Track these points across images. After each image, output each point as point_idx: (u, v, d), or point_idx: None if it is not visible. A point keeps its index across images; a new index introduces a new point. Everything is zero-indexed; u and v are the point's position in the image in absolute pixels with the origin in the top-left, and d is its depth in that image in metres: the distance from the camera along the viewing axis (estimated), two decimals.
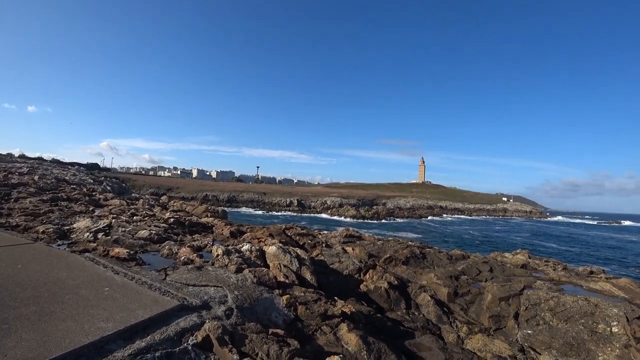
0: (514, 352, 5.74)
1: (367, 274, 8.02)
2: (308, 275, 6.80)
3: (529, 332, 6.42)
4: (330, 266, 8.07)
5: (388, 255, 9.88)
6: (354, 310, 5.58)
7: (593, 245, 54.23)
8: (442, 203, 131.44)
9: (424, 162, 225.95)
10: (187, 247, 7.50)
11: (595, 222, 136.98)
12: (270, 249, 7.23)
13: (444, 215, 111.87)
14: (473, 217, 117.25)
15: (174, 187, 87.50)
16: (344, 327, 4.70)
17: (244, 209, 78.97)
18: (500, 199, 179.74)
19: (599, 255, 43.03)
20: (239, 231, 11.65)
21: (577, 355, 5.66)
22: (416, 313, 7.00)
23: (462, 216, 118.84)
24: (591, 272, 10.45)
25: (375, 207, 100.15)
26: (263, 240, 9.86)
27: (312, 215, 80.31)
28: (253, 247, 7.25)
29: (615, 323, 5.77)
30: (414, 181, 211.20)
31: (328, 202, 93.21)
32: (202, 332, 3.68)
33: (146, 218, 11.90)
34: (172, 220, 11.62)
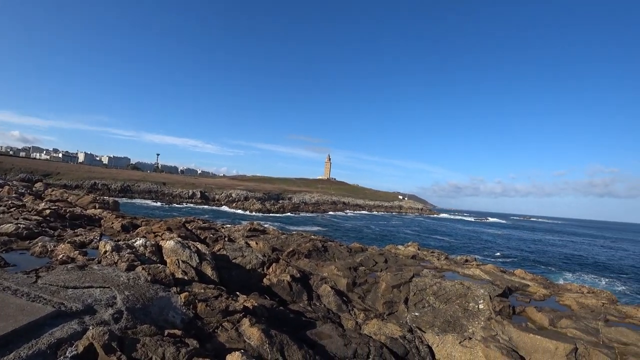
0: (404, 333, 6.35)
1: (271, 268, 8.04)
2: (209, 271, 6.54)
3: (417, 314, 7.19)
4: (233, 261, 7.89)
5: (291, 249, 10.06)
6: (256, 304, 5.54)
7: (469, 238, 63.14)
8: (345, 199, 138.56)
9: (330, 159, 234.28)
10: (67, 243, 6.56)
11: (472, 219, 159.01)
12: (168, 244, 6.75)
13: (347, 210, 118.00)
14: (373, 213, 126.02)
15: (54, 173, 74.61)
16: (246, 322, 4.64)
17: (139, 201, 72.04)
18: (397, 197, 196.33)
19: (472, 245, 50.23)
20: (132, 224, 10.64)
21: (454, 330, 6.61)
22: (318, 304, 7.26)
23: (363, 212, 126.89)
24: (466, 260, 12.18)
25: (281, 201, 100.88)
26: (160, 234, 9.17)
27: (216, 208, 77.26)
28: (148, 242, 6.68)
29: (481, 301, 6.84)
30: (320, 177, 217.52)
31: (233, 195, 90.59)
32: (84, 340, 3.21)
33: (12, 209, 10.07)
34: (48, 211, 10.02)
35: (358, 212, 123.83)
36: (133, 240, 6.80)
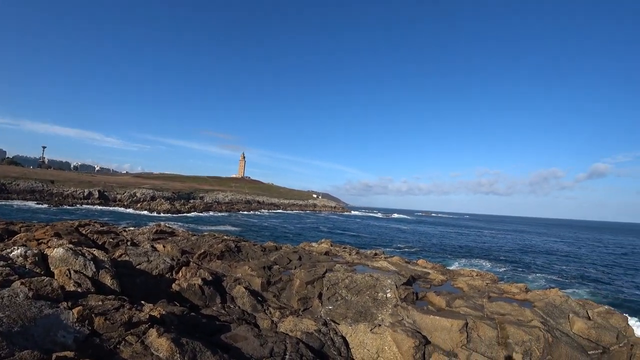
0: (319, 327, 6.53)
1: (180, 272, 7.58)
2: (108, 280, 5.89)
3: (330, 307, 7.44)
4: (137, 267, 7.24)
5: (203, 251, 9.61)
6: (164, 312, 5.16)
7: (378, 233, 67.60)
8: (260, 198, 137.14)
9: (244, 157, 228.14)
10: None
11: (380, 215, 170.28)
12: (56, 252, 5.89)
13: (262, 210, 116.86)
14: (287, 212, 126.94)
15: None
16: (153, 332, 4.29)
17: (19, 202, 61.11)
18: (311, 195, 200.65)
19: (381, 240, 53.85)
20: (7, 231, 9.10)
21: (365, 319, 7.02)
22: (232, 306, 7.06)
23: (278, 211, 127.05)
24: (375, 254, 13.01)
25: (192, 200, 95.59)
26: (45, 241, 7.98)
27: (118, 209, 69.51)
28: (29, 252, 5.74)
29: (389, 290, 7.39)
30: (234, 176, 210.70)
31: (138, 194, 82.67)
32: None
33: None
34: None
35: (273, 211, 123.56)
36: (9, 250, 5.78)
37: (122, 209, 71.06)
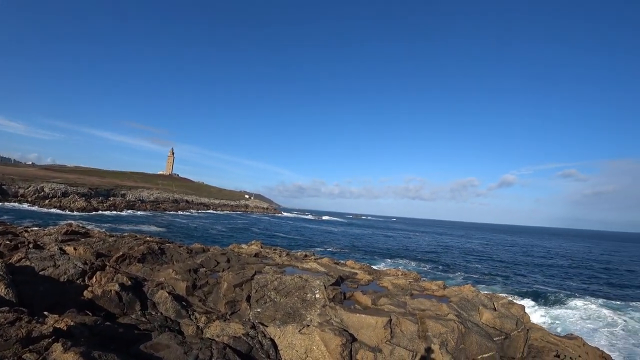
0: (247, 330, 6.39)
1: (94, 277, 6.91)
2: (1, 289, 5.16)
3: (259, 310, 7.34)
4: (41, 273, 6.45)
5: (121, 253, 8.87)
6: (72, 324, 4.65)
7: (309, 235, 68.47)
8: (189, 197, 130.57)
9: (173, 153, 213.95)
10: None
11: (312, 217, 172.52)
12: None
13: (191, 209, 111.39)
14: (218, 212, 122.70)
15: None
16: (57, 347, 3.84)
17: None
18: (243, 195, 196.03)
19: (312, 241, 54.67)
20: None
21: (294, 320, 7.04)
22: (153, 313, 6.62)
23: (209, 211, 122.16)
24: (305, 256, 13.14)
25: (112, 198, 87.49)
26: None
27: (19, 206, 61.02)
28: None
29: (317, 291, 7.51)
30: (161, 172, 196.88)
31: (46, 189, 72.80)
32: None
33: None
34: None
35: (203, 211, 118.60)
36: None
37: (25, 206, 62.51)
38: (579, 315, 21.92)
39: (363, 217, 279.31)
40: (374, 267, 13.56)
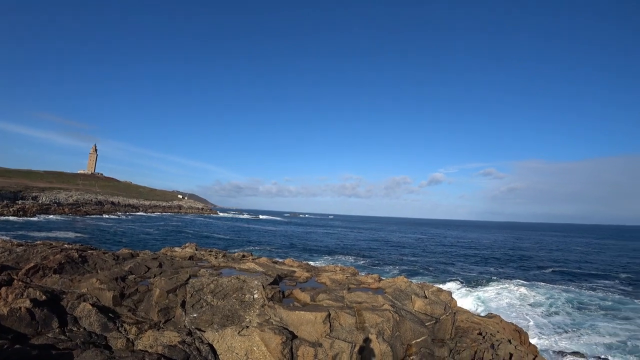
0: (182, 337, 6.11)
1: None
2: None
3: (195, 315, 7.05)
4: None
5: (33, 264, 7.95)
6: None
7: (248, 234, 67.31)
8: (115, 198, 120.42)
9: (96, 150, 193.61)
10: None
11: (249, 217, 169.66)
12: None
13: (117, 212, 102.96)
14: (149, 214, 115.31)
15: None
16: None
17: None
18: (176, 196, 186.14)
19: (249, 241, 53.88)
20: None
21: (232, 322, 6.88)
22: (75, 329, 6.04)
23: (138, 213, 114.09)
24: (243, 256, 12.90)
25: (21, 201, 77.76)
26: None
27: None
28: None
29: (256, 291, 7.43)
30: (82, 172, 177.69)
31: None
32: None
33: None
34: None
35: (132, 213, 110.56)
36: None
37: None
38: (497, 296, 24.60)
39: (301, 216, 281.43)
40: (313, 264, 13.76)
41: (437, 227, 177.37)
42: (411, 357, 7.39)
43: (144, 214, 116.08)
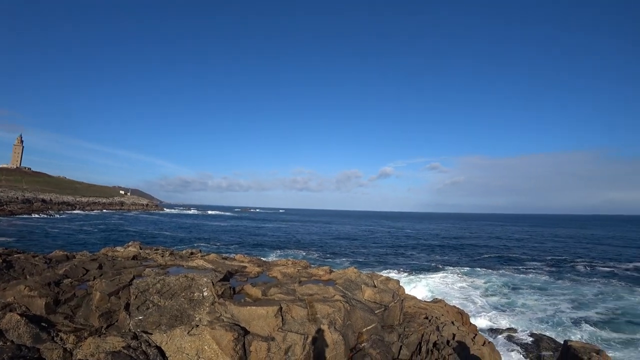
0: (127, 342, 5.80)
1: None
2: None
3: (141, 317, 6.72)
4: None
5: None
6: None
7: (196, 231, 65.05)
8: (46, 195, 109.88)
9: (22, 141, 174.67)
10: None
11: (197, 212, 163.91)
12: None
13: (50, 210, 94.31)
14: (87, 212, 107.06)
15: None
16: None
17: None
18: (118, 192, 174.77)
19: (199, 237, 52.17)
20: None
21: (182, 322, 6.68)
22: (1, 343, 5.49)
23: (75, 211, 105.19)
24: (191, 253, 12.47)
25: None
26: None
27: None
28: None
29: (205, 289, 7.24)
30: (5, 166, 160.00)
31: None
32: None
33: None
34: None
35: (67, 211, 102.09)
36: None
37: None
38: (442, 282, 26.30)
39: (252, 210, 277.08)
40: (264, 259, 13.66)
41: (386, 219, 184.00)
42: (363, 344, 7.65)
43: (81, 212, 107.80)
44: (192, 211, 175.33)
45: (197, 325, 6.44)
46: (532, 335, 15.64)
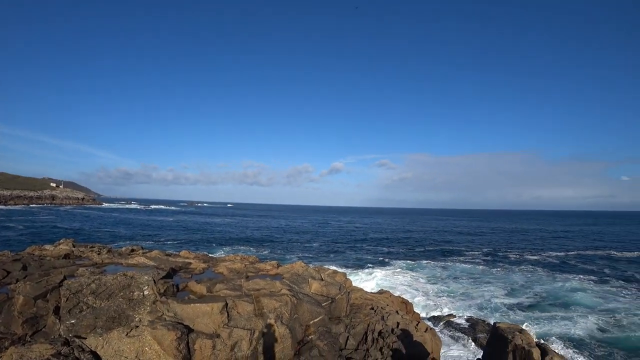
0: (57, 349, 5.36)
1: None
2: None
3: (73, 321, 6.24)
4: None
5: None
6: None
7: (137, 226, 61.55)
8: None
9: None
10: None
11: (139, 207, 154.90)
12: None
13: None
14: (10, 207, 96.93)
15: None
16: None
17: None
18: (49, 184, 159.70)
19: (142, 234, 49.48)
20: None
21: (120, 324, 6.31)
22: None
23: None
24: (132, 250, 11.77)
25: None
26: None
27: None
28: None
29: (146, 287, 6.90)
30: None
31: None
32: None
33: None
34: None
35: None
36: None
37: None
38: (389, 274, 27.43)
39: (199, 205, 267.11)
40: (212, 255, 13.28)
41: (336, 213, 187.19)
42: (310, 337, 7.74)
43: (3, 207, 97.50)
44: (134, 205, 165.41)
45: (137, 326, 6.11)
46: (468, 320, 16.99)
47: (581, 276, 28.26)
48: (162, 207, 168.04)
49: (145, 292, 6.77)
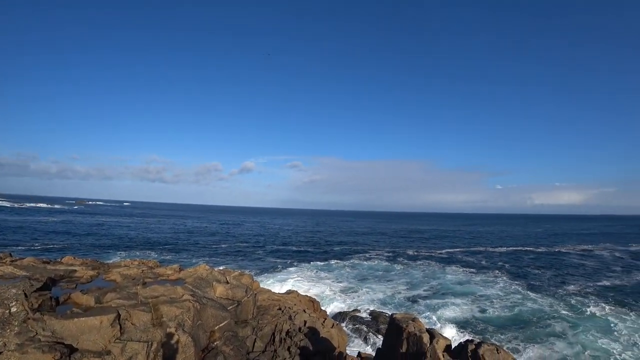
0: None
1: None
2: None
3: None
4: None
5: None
6: None
7: (6, 228, 51.77)
8: None
9: None
10: None
11: (10, 205, 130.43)
12: None
13: None
14: None
15: None
16: None
17: None
18: None
19: (11, 238, 41.80)
20: None
21: None
22: None
23: None
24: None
25: None
26: None
27: None
28: None
29: (14, 303, 5.76)
30: None
31: None
32: None
33: None
34: None
35: None
36: None
37: None
38: (298, 275, 27.82)
39: (90, 203, 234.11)
40: (104, 261, 11.77)
41: (245, 214, 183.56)
42: (215, 342, 7.37)
43: None
44: (6, 203, 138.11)
45: (1, 352, 5.09)
46: (371, 314, 18.28)
47: (465, 269, 32.68)
48: (42, 205, 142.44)
49: (13, 309, 5.63)
